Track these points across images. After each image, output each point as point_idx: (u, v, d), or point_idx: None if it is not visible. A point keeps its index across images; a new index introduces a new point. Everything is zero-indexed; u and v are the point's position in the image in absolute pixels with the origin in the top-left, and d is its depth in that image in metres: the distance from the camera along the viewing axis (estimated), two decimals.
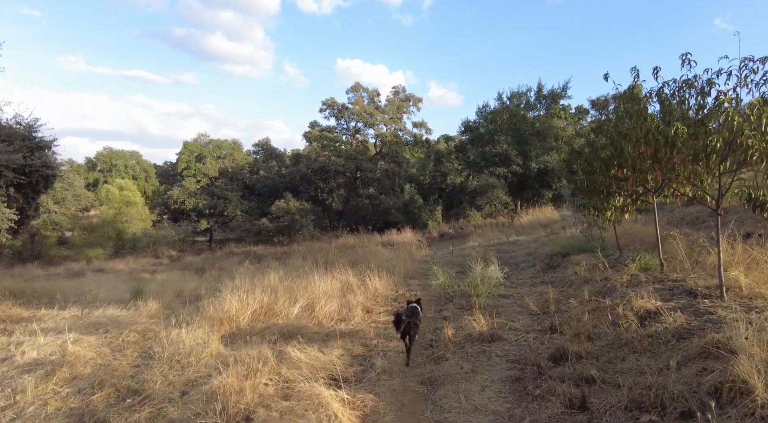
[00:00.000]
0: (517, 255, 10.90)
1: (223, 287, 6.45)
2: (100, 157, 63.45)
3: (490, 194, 23.38)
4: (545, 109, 25.65)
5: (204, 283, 11.54)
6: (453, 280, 7.48)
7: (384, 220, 30.91)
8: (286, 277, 8.24)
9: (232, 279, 10.79)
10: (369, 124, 34.32)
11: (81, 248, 30.43)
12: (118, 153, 64.61)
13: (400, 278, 8.49)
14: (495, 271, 6.21)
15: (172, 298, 9.04)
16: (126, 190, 34.65)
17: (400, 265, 9.97)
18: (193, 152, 43.00)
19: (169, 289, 10.60)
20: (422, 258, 13.07)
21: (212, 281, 11.58)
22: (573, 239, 10.29)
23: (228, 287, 6.94)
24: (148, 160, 63.09)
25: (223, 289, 6.40)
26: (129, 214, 33.71)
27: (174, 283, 12.51)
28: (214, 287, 9.22)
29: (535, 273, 8.02)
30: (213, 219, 35.58)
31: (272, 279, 8.05)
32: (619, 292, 5.02)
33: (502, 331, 4.75)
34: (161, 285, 12.28)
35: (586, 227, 11.83)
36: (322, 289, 6.98)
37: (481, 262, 8.55)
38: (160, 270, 22.73)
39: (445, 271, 7.45)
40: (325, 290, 6.90)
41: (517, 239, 15.75)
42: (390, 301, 6.87)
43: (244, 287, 7.03)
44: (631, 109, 5.16)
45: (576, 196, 7.58)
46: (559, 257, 8.47)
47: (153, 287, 10.93)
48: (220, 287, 7.76)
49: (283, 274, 9.16)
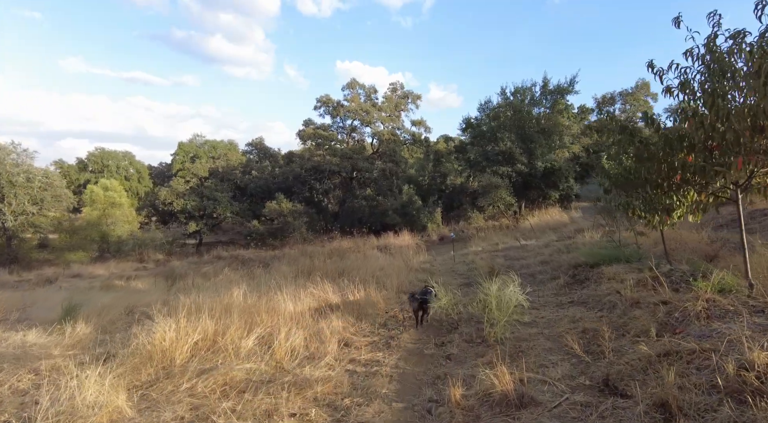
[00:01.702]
0: (530, 263, 9.39)
1: (156, 314, 4.92)
2: (91, 157, 61.96)
3: (493, 195, 21.88)
4: (551, 105, 24.15)
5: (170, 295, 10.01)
6: (457, 296, 5.96)
7: (381, 222, 29.40)
8: (254, 291, 6.72)
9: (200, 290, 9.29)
10: (365, 122, 32.83)
11: (62, 252, 28.88)
12: (110, 153, 63.13)
13: (393, 293, 6.97)
14: (514, 292, 4.70)
15: (117, 317, 7.52)
16: (111, 190, 33.02)
17: (394, 276, 8.46)
18: (188, 153, 41.62)
19: (125, 302, 9.08)
20: (420, 265, 11.56)
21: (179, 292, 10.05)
22: (596, 246, 8.80)
23: (169, 309, 5.42)
24: (143, 161, 61.55)
25: (156, 314, 4.88)
26: (114, 215, 32.13)
27: (135, 295, 10.98)
28: (176, 301, 7.73)
29: (558, 288, 6.50)
30: (202, 221, 34.03)
31: (236, 295, 6.55)
32: (699, 326, 3.52)
33: (533, 387, 3.23)
34: (123, 296, 10.75)
35: (607, 231, 10.34)
36: (290, 311, 5.46)
37: (494, 278, 7.05)
38: (139, 276, 21.20)
39: (447, 288, 5.92)
40: (294, 313, 5.38)
41: (525, 244, 14.26)
42: (377, 327, 5.35)
43: (193, 307, 5.54)
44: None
45: (609, 192, 6.07)
46: (585, 268, 6.97)
47: (105, 301, 9.40)
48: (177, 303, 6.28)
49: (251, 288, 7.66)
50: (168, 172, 45.08)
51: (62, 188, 27.89)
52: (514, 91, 24.19)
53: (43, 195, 26.15)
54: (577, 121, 29.63)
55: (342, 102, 33.09)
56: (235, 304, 5.94)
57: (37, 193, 25.49)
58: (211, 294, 7.53)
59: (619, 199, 5.65)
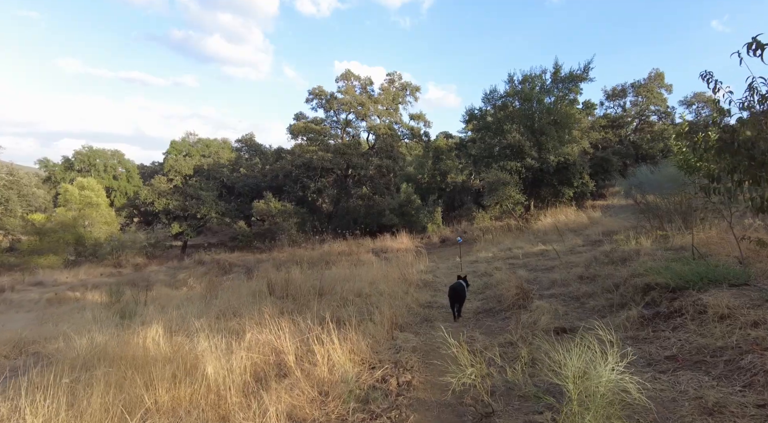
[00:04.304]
0: (564, 278, 7.23)
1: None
2: (77, 155, 59.64)
3: (501, 192, 19.70)
4: (563, 94, 21.97)
5: (94, 324, 7.80)
6: (484, 354, 3.78)
7: (378, 222, 27.21)
8: (173, 331, 4.54)
9: (131, 317, 7.11)
10: (361, 115, 30.59)
11: (31, 256, 26.60)
12: (98, 152, 60.75)
13: (384, 332, 4.77)
14: (614, 370, 2.46)
15: None
16: (88, 189, 30.72)
17: (387, 298, 6.28)
18: (180, 151, 39.47)
19: (33, 330, 6.87)
20: (421, 277, 9.37)
21: (114, 316, 7.83)
22: (656, 256, 6.65)
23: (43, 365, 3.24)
24: (140, 160, 59.28)
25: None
26: (91, 217, 29.84)
27: (65, 315, 8.76)
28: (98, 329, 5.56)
29: (633, 326, 4.32)
30: (186, 222, 31.75)
31: (150, 337, 4.38)
32: None
33: None
34: (44, 317, 8.55)
35: (660, 236, 8.18)
36: (211, 378, 3.28)
37: (529, 304, 4.93)
38: (107, 283, 18.93)
39: (473, 353, 3.71)
40: (215, 384, 3.21)
41: (544, 249, 12.10)
42: (352, 412, 3.15)
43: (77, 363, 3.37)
44: None
45: (719, 181, 3.93)
46: (663, 291, 4.80)
47: (15, 325, 7.20)
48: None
49: (191, 316, 5.51)
50: (160, 172, 43.01)
51: (31, 187, 25.55)
52: (523, 79, 22.03)
53: (8, 194, 23.86)
54: (584, 115, 27.53)
55: (336, 94, 30.87)
56: (133, 358, 3.76)
57: (1, 191, 23.21)
58: (126, 328, 5.37)
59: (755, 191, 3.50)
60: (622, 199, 24.45)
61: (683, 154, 5.74)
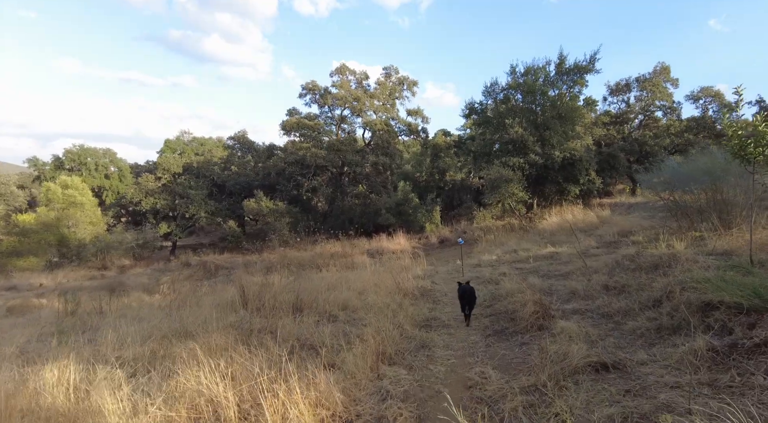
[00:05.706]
0: (587, 288, 6.11)
1: None
2: (68, 154, 58.21)
3: (503, 190, 18.59)
4: (567, 86, 20.86)
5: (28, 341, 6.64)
6: None
7: (374, 222, 26.07)
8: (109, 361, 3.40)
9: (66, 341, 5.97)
10: (356, 111, 29.40)
11: (9, 258, 25.37)
12: (90, 150, 59.33)
13: (367, 367, 3.63)
14: None
15: None
16: (72, 188, 29.45)
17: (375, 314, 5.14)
18: (174, 150, 38.28)
19: None
20: (418, 284, 8.24)
21: (56, 333, 6.68)
22: (717, 267, 5.54)
23: None
24: (135, 160, 57.94)
25: None
26: (75, 217, 28.57)
27: None
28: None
29: (700, 360, 3.20)
30: (175, 222, 30.53)
31: (48, 381, 3.25)
32: None
33: None
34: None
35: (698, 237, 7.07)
36: None
37: (552, 325, 3.81)
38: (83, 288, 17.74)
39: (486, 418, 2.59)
40: None
41: (554, 251, 10.99)
42: None
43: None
44: None
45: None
46: (732, 312, 3.68)
47: None
48: None
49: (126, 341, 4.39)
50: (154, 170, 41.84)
51: (8, 186, 24.32)
52: (526, 71, 20.90)
53: None
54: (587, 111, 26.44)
55: (330, 88, 29.67)
56: (21, 414, 2.62)
57: None
58: (43, 360, 4.24)
59: None
60: (629, 197, 23.45)
61: (738, 138, 4.64)
